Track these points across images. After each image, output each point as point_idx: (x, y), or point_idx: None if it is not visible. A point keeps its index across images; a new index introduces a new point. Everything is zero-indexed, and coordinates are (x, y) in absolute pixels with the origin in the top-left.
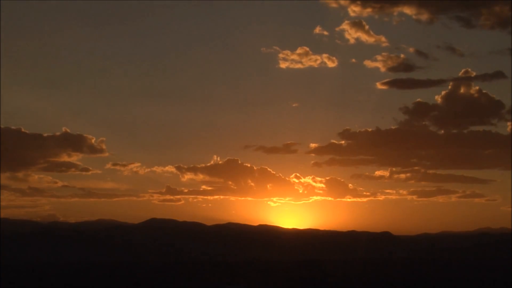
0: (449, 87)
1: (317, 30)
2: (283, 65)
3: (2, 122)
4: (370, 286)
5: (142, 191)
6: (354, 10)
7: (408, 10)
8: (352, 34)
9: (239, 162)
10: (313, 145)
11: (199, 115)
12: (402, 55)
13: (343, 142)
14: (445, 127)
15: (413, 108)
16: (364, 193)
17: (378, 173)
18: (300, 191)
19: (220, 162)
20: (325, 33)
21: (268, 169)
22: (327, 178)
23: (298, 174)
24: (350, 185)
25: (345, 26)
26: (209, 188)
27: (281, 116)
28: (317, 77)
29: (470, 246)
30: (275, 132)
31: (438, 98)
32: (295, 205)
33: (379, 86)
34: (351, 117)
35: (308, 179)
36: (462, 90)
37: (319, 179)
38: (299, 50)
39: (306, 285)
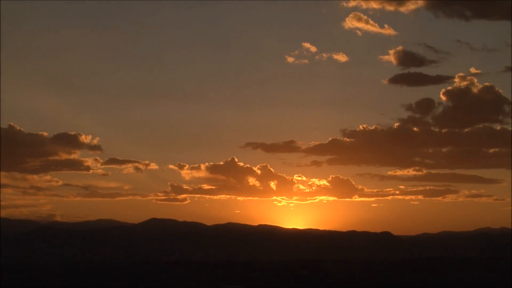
0: (455, 83)
1: (323, 25)
2: (287, 61)
3: (1, 122)
4: (370, 286)
5: (144, 190)
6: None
7: (420, 2)
8: (360, 28)
9: (240, 161)
10: (314, 143)
11: (199, 113)
12: (412, 50)
13: (345, 139)
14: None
15: (417, 105)
16: (371, 192)
17: (380, 172)
18: (307, 191)
19: (220, 162)
20: (332, 28)
21: (269, 167)
22: (330, 178)
23: (300, 174)
24: (354, 183)
25: (353, 20)
26: (213, 187)
27: (282, 113)
28: (321, 74)
29: (470, 246)
30: (275, 130)
31: (443, 95)
32: (300, 205)
33: (384, 82)
34: (353, 114)
35: (313, 179)
36: (467, 87)
37: (319, 178)
38: (304, 46)
39: (306, 285)
